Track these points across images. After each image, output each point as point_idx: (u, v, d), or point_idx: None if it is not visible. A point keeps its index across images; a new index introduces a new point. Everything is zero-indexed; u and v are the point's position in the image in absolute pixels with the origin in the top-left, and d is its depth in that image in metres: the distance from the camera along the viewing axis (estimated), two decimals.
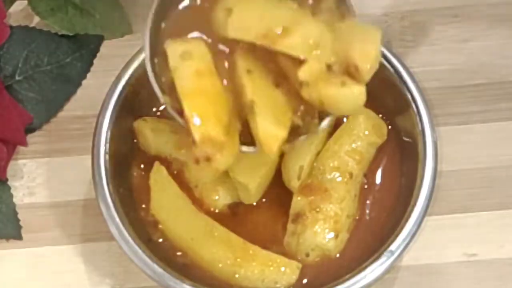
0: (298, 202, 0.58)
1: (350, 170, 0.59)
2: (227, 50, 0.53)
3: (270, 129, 0.50)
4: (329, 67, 0.50)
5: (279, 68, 0.52)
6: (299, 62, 0.50)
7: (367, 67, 0.50)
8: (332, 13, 0.53)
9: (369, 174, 0.61)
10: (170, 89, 0.52)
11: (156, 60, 0.54)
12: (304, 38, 0.50)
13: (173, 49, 0.52)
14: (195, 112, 0.49)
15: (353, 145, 0.59)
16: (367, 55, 0.50)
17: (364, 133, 0.59)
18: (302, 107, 0.52)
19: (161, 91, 0.53)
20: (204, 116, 0.49)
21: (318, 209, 0.58)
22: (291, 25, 0.50)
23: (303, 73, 0.50)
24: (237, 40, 0.52)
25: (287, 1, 0.52)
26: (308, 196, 0.58)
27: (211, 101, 0.50)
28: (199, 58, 0.52)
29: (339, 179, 0.58)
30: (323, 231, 0.57)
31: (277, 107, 0.51)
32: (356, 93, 0.50)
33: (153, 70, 0.53)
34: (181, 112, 0.51)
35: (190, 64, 0.51)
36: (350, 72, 0.50)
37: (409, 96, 0.59)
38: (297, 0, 0.53)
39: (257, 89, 0.51)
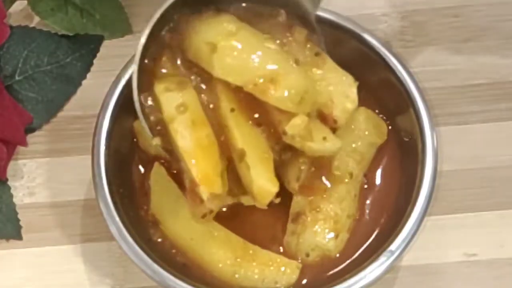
0: (298, 202, 0.58)
1: (350, 170, 0.59)
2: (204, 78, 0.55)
3: (264, 185, 0.53)
4: (308, 114, 0.53)
5: (260, 107, 0.54)
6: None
7: (344, 120, 0.56)
8: (305, 46, 0.56)
9: (369, 174, 0.60)
10: (159, 128, 0.55)
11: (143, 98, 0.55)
12: (292, 92, 0.52)
13: (167, 100, 0.53)
14: (200, 173, 0.52)
15: (353, 145, 0.59)
16: (346, 111, 0.56)
17: (365, 133, 0.59)
18: (279, 145, 0.55)
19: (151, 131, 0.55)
20: (208, 175, 0.53)
21: (318, 209, 0.58)
22: (279, 76, 0.52)
23: (290, 129, 0.53)
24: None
25: (268, 38, 0.54)
26: (308, 196, 0.58)
27: (209, 154, 0.53)
28: (193, 109, 0.54)
29: (340, 179, 0.58)
30: (323, 231, 0.57)
31: (262, 151, 0.54)
32: (335, 146, 0.55)
33: (142, 109, 0.55)
34: (171, 152, 0.54)
35: (186, 116, 0.53)
36: (327, 120, 0.56)
37: (409, 96, 0.59)
38: (276, 36, 0.55)
39: (244, 134, 0.54)
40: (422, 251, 0.61)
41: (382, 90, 0.60)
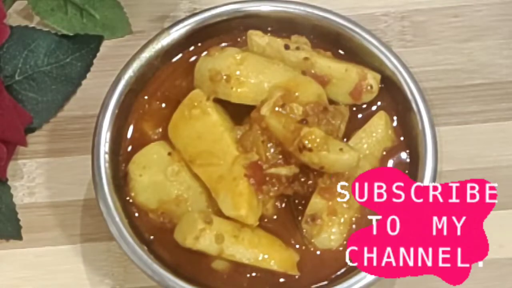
0: (315, 204, 0.57)
1: None
2: None
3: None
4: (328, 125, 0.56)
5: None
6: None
7: (378, 87, 0.59)
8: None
9: None
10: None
11: None
12: (309, 94, 0.56)
13: (209, 245, 0.55)
14: (281, 266, 0.57)
15: (371, 150, 0.59)
16: (375, 79, 0.59)
17: (383, 138, 0.59)
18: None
19: None
20: (286, 262, 0.57)
21: (335, 214, 0.57)
22: (293, 86, 0.56)
23: (308, 135, 0.54)
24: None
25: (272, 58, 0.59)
26: (328, 199, 0.57)
27: (272, 241, 0.57)
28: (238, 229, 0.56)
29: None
30: (338, 235, 0.57)
31: None
32: (352, 157, 0.55)
33: None
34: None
35: (242, 238, 0.56)
36: (361, 94, 0.59)
37: (409, 96, 0.59)
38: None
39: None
40: None
41: (382, 90, 0.60)
